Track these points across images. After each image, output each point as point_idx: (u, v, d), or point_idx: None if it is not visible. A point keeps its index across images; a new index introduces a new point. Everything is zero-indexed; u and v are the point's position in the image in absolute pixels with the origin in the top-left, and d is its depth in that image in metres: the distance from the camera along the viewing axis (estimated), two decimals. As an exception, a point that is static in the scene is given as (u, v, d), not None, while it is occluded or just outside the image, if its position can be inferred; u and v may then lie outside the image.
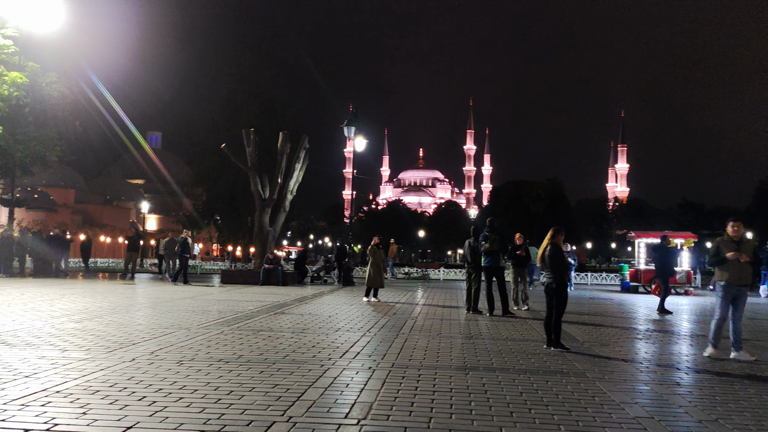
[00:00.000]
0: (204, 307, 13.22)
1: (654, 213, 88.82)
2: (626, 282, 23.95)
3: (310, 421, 4.71)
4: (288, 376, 6.24)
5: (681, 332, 11.20)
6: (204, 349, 7.76)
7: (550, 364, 7.38)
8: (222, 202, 41.01)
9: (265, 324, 10.50)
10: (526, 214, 72.26)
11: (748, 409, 5.48)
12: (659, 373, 7.07)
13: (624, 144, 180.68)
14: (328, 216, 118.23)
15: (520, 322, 11.77)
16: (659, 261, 14.95)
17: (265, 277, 21.70)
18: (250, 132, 24.59)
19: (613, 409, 5.31)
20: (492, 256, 13.08)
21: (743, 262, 8.20)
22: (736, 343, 8.19)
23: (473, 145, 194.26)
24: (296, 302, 14.92)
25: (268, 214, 24.60)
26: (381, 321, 11.32)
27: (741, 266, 8.24)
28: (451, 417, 4.95)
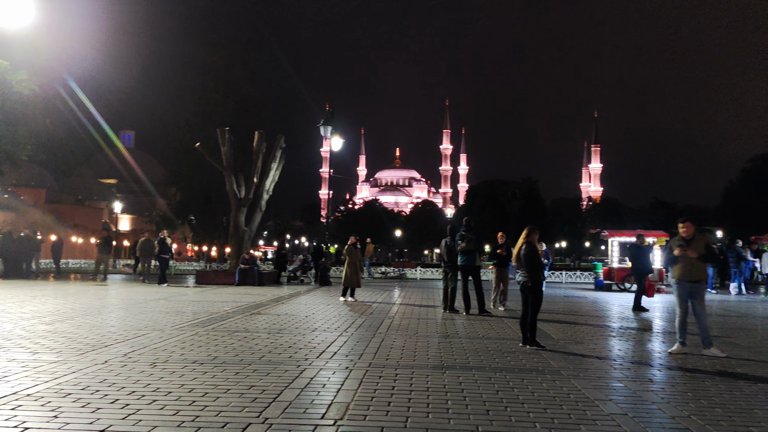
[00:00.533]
0: (178, 308, 13.07)
1: (627, 212, 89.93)
2: (600, 280, 24.21)
3: (286, 423, 4.67)
4: (264, 377, 6.19)
5: (654, 329, 11.35)
6: (178, 351, 7.67)
7: (526, 362, 7.43)
8: (196, 201, 40.60)
9: (241, 325, 10.41)
10: (502, 214, 72.81)
11: (719, 404, 5.57)
12: (633, 370, 7.16)
13: (597, 144, 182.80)
14: (304, 216, 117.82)
15: (496, 321, 11.84)
16: (635, 259, 15.14)
17: (240, 278, 21.53)
18: (225, 131, 24.37)
19: (588, 406, 5.36)
20: (468, 255, 13.13)
21: (692, 260, 8.37)
22: (704, 340, 8.32)
23: (449, 145, 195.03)
24: (272, 302, 14.83)
25: (244, 214, 24.42)
26: (358, 321, 11.30)
27: (690, 263, 8.40)
28: (428, 416, 4.95)
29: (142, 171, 51.44)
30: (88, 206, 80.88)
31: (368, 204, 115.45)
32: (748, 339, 10.19)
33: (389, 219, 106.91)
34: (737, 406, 5.51)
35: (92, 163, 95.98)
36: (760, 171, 56.90)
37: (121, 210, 55.01)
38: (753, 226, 43.22)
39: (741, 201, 56.65)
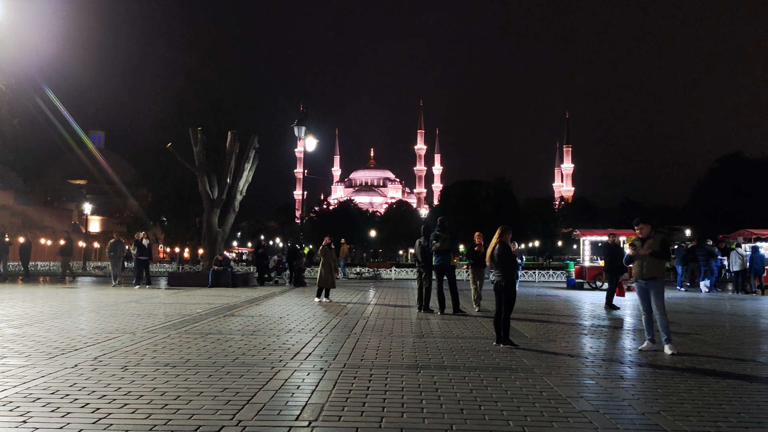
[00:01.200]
0: (150, 310, 12.91)
1: (598, 211, 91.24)
2: (572, 279, 24.50)
3: (260, 425, 4.65)
4: (237, 380, 6.15)
5: (626, 327, 11.52)
6: (150, 354, 7.58)
7: (500, 361, 7.49)
8: (168, 202, 40.10)
9: (214, 327, 10.32)
10: (476, 214, 73.26)
11: (688, 400, 5.67)
12: (604, 368, 7.26)
13: (569, 144, 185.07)
14: (279, 216, 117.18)
15: (470, 320, 11.91)
16: (608, 258, 15.35)
17: (214, 279, 21.33)
18: (197, 131, 24.12)
19: (560, 404, 5.42)
20: (443, 255, 13.19)
21: (647, 258, 8.54)
22: (663, 336, 8.46)
23: (424, 145, 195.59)
24: (246, 304, 14.72)
25: (217, 215, 24.21)
26: (333, 321, 11.27)
27: (642, 260, 8.58)
28: (403, 416, 4.96)
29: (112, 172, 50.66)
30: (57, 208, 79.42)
31: (343, 204, 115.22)
32: (716, 336, 10.40)
33: (364, 219, 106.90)
34: (705, 402, 5.62)
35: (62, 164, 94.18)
36: (727, 171, 58.07)
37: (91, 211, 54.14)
38: (720, 224, 44.17)
39: (708, 200, 57.77)
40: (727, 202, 54.25)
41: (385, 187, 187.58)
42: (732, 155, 60.61)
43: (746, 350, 8.86)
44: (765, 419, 5.08)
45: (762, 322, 12.69)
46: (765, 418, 5.13)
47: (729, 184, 55.90)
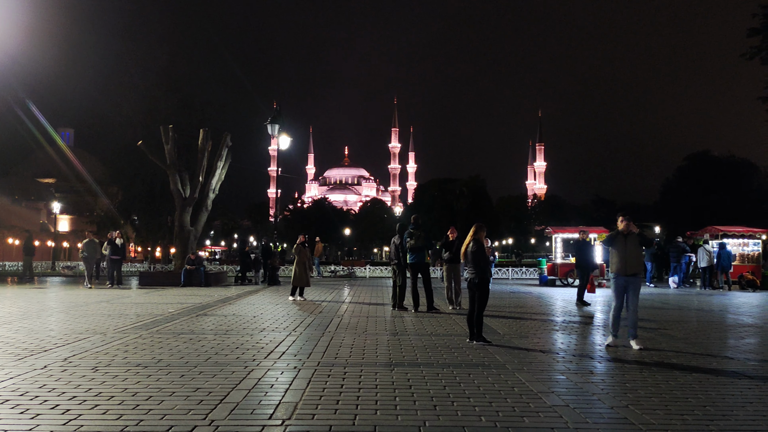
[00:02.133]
0: (121, 310, 12.75)
1: (570, 209, 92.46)
2: (544, 276, 24.78)
3: (233, 424, 4.63)
4: (210, 379, 6.11)
5: (596, 323, 11.69)
6: (121, 354, 7.49)
7: (473, 358, 7.56)
8: (139, 201, 39.59)
9: (186, 326, 10.23)
10: (450, 212, 73.61)
11: (655, 394, 5.79)
12: (575, 363, 7.37)
13: (541, 143, 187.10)
14: (252, 215, 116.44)
15: (444, 318, 11.98)
16: (579, 255, 15.56)
17: (186, 279, 21.14)
18: (168, 129, 23.85)
19: (531, 399, 5.50)
20: (417, 253, 13.23)
21: (630, 254, 8.67)
22: (630, 331, 8.62)
23: (398, 143, 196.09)
24: (219, 303, 14.62)
25: (189, 214, 23.98)
26: (307, 320, 11.26)
27: (626, 257, 8.71)
28: (376, 413, 4.99)
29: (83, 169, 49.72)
30: (25, 207, 77.83)
31: (317, 203, 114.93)
32: (683, 331, 10.61)
33: (338, 217, 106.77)
34: (672, 395, 5.74)
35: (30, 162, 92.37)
36: (695, 169, 59.26)
37: (60, 210, 53.15)
38: (689, 221, 45.02)
39: (677, 198, 58.90)
40: (695, 199, 55.36)
41: (360, 185, 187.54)
42: (700, 153, 61.87)
43: (713, 345, 9.06)
44: (730, 412, 5.21)
45: (729, 317, 12.98)
46: (729, 410, 5.26)
47: (697, 181, 57.05)
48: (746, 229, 24.94)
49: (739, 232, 24.16)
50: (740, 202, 53.99)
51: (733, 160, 60.10)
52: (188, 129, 30.93)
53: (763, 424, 4.87)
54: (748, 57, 25.99)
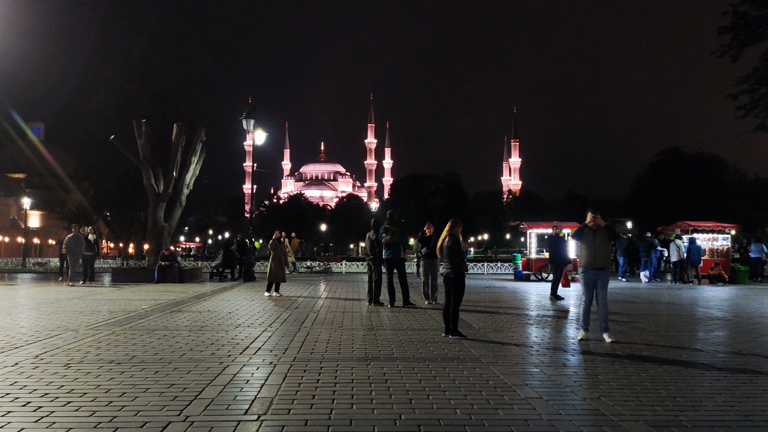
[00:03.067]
0: (93, 307, 12.58)
1: (544, 204, 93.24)
2: (519, 271, 24.99)
3: (208, 420, 4.61)
4: (185, 375, 6.07)
5: (570, 317, 11.83)
6: (93, 351, 7.40)
7: (448, 352, 7.61)
8: (112, 196, 39.04)
9: (160, 323, 10.13)
10: (426, 207, 73.89)
11: (627, 386, 5.89)
12: (548, 356, 7.46)
13: (516, 139, 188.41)
14: (228, 210, 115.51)
15: (420, 313, 12.03)
16: (553, 249, 15.72)
17: (160, 275, 20.91)
18: (141, 123, 23.53)
19: (506, 392, 5.56)
20: (393, 248, 13.26)
21: (598, 248, 8.80)
22: (601, 325, 8.74)
23: (374, 139, 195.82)
24: (194, 299, 14.50)
25: (163, 209, 23.71)
26: (283, 315, 11.22)
27: (594, 251, 8.83)
28: (352, 407, 5.00)
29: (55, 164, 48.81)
30: (-7, 202, 76.33)
31: (293, 198, 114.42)
32: (654, 324, 10.79)
33: (314, 213, 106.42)
34: (643, 387, 5.85)
35: None
36: (666, 165, 60.30)
37: (31, 206, 52.21)
38: (660, 216, 45.76)
39: (648, 194, 59.87)
40: (666, 195, 56.31)
41: (336, 181, 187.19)
42: (671, 150, 62.91)
43: (683, 337, 9.23)
44: (699, 403, 5.33)
45: (698, 311, 13.23)
46: (699, 401, 5.38)
47: (668, 177, 58.02)
48: (716, 224, 25.42)
49: (709, 227, 24.62)
50: (710, 197, 55.08)
51: (703, 156, 61.29)
52: (162, 124, 30.53)
53: (731, 414, 4.98)
54: (718, 54, 26.45)
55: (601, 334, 8.70)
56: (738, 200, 60.61)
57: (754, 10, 25.31)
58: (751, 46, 25.94)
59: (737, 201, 60.31)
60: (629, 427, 4.54)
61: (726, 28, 25.89)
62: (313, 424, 4.56)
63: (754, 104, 26.49)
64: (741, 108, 26.78)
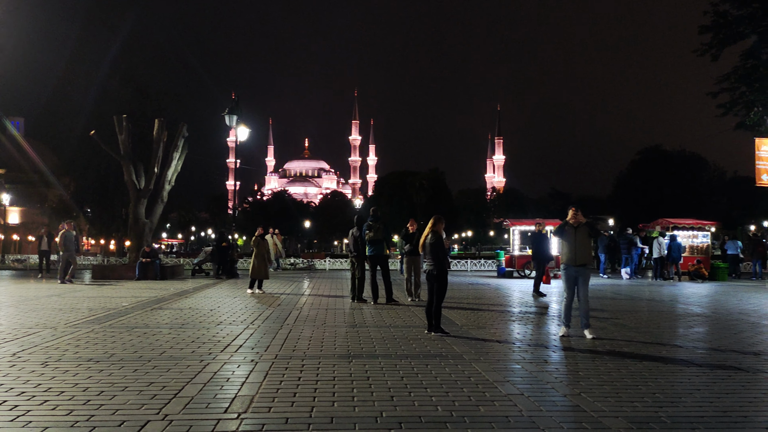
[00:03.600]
0: (73, 304, 12.42)
1: (528, 202, 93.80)
2: (502, 267, 25.08)
3: (188, 418, 4.56)
4: (164, 374, 6.00)
5: (551, 313, 11.89)
6: (72, 349, 7.30)
7: (431, 349, 7.61)
8: (93, 192, 38.60)
9: (141, 320, 10.03)
10: (410, 204, 73.83)
11: (607, 382, 5.93)
12: (530, 353, 7.49)
13: (500, 136, 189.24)
14: (211, 207, 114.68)
15: (403, 310, 12.02)
16: (535, 246, 15.79)
17: (141, 272, 20.71)
18: (122, 118, 23.26)
19: (487, 388, 5.57)
20: (376, 245, 13.22)
21: (579, 244, 8.85)
22: (583, 321, 8.80)
23: (358, 136, 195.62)
24: (176, 297, 14.38)
25: (144, 205, 23.47)
26: (265, 313, 11.16)
27: (575, 247, 8.88)
28: (334, 405, 4.98)
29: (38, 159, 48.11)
30: (-29, 198, 75.08)
31: (277, 195, 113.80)
32: (635, 320, 10.88)
33: (298, 210, 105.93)
34: (624, 383, 5.89)
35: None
36: (648, 163, 60.81)
37: (10, 202, 51.44)
38: (641, 214, 46.20)
39: (630, 191, 60.38)
40: (647, 192, 56.81)
41: (320, 177, 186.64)
42: (653, 148, 63.44)
43: (663, 334, 9.32)
44: (678, 399, 5.37)
45: (679, 307, 13.37)
46: (678, 397, 5.42)
47: (649, 175, 58.51)
48: (696, 221, 25.72)
49: (689, 225, 24.89)
50: (691, 195, 55.69)
51: (684, 154, 61.93)
52: (144, 119, 30.23)
53: (710, 410, 5.02)
54: (699, 53, 26.66)
55: (582, 331, 8.75)
56: (718, 198, 61.39)
57: (734, 9, 25.55)
58: (731, 45, 26.17)
59: (717, 199, 61.09)
60: (609, 423, 4.56)
61: (707, 27, 26.12)
62: (294, 421, 4.53)
63: (733, 103, 26.75)
64: (721, 106, 27.03)
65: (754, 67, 25.88)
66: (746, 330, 9.74)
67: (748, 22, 25.31)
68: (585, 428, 4.46)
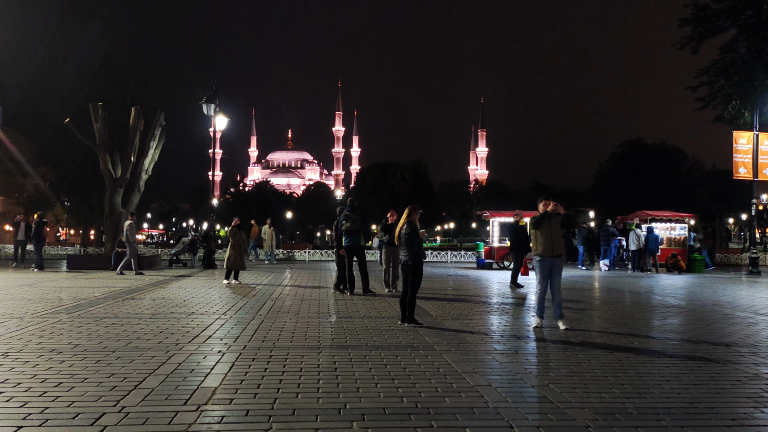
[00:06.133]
0: (43, 294, 12.19)
1: (510, 194, 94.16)
2: (482, 259, 25.11)
3: (145, 410, 4.44)
4: (127, 365, 5.86)
5: (528, 305, 11.87)
6: (36, 340, 7.13)
7: (402, 340, 7.53)
8: (69, 182, 38.02)
9: (110, 311, 9.85)
10: (392, 195, 73.70)
11: (577, 373, 5.89)
12: (502, 343, 7.44)
13: (483, 129, 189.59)
14: (192, 197, 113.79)
15: (379, 300, 11.95)
16: (513, 237, 15.78)
17: (117, 262, 20.38)
18: (98, 106, 22.83)
19: (455, 379, 5.50)
20: (353, 236, 13.11)
21: (554, 236, 8.82)
22: (558, 312, 8.77)
23: (342, 127, 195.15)
24: (150, 287, 14.18)
25: (120, 195, 23.11)
26: (239, 303, 11.03)
27: (552, 239, 8.85)
28: (297, 396, 4.88)
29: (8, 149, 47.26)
30: (-54, 187, 73.76)
31: (259, 186, 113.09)
32: (610, 311, 10.90)
33: (281, 201, 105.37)
34: (593, 374, 5.85)
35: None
36: (627, 156, 61.25)
37: (-15, 191, 50.57)
38: (620, 206, 46.50)
39: (610, 184, 60.77)
40: (627, 184, 57.20)
41: (303, 168, 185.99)
42: (633, 141, 63.88)
43: (636, 325, 9.33)
44: (646, 390, 5.34)
45: (655, 299, 13.43)
46: (646, 388, 5.39)
47: (630, 168, 58.93)
48: (674, 213, 25.90)
49: (667, 217, 25.07)
50: (670, 187, 56.18)
51: (663, 147, 62.46)
52: (122, 107, 29.78)
53: (677, 401, 5.00)
54: (679, 47, 26.82)
55: (556, 322, 8.72)
56: (697, 190, 62.01)
57: (714, 3, 25.71)
58: (710, 39, 26.37)
59: (696, 191, 61.70)
60: (575, 414, 4.51)
61: (686, 20, 26.25)
62: (255, 413, 4.43)
63: (712, 96, 26.97)
64: (700, 100, 27.25)
65: (733, 60, 26.10)
66: (719, 321, 9.79)
67: (727, 15, 25.47)
68: (550, 419, 4.41)
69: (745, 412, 4.72)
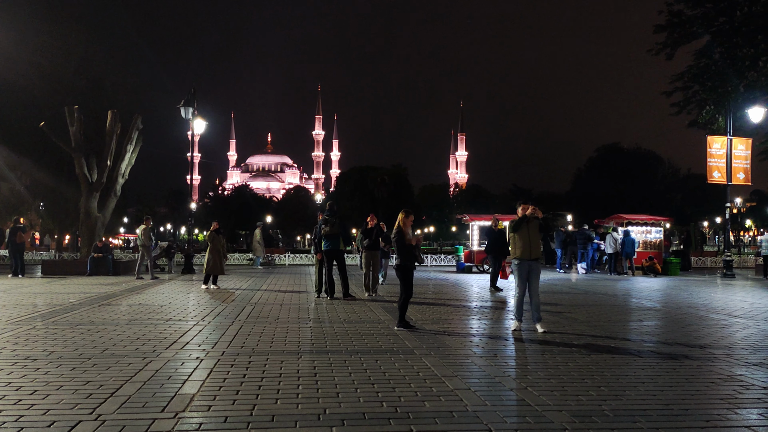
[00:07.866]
0: (17, 300, 12.00)
1: (490, 197, 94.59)
2: (461, 263, 25.19)
3: (122, 418, 4.39)
4: (103, 372, 5.80)
5: (508, 308, 11.94)
6: (9, 347, 7.02)
7: (382, 344, 7.54)
8: (44, 187, 37.46)
9: (86, 317, 9.72)
10: (371, 199, 73.80)
11: (554, 376, 5.94)
12: (481, 347, 7.48)
13: (463, 133, 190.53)
14: (170, 201, 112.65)
15: (359, 305, 11.94)
16: (490, 241, 15.88)
17: (92, 267, 20.17)
18: (73, 110, 22.58)
19: (435, 383, 5.52)
20: (331, 240, 13.09)
21: (532, 239, 8.89)
22: (534, 315, 8.84)
23: (322, 131, 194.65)
24: (127, 293, 14.02)
25: (97, 199, 22.86)
26: (218, 309, 10.95)
27: (530, 242, 8.92)
28: (276, 402, 4.86)
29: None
30: None
31: (238, 189, 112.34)
32: (587, 314, 11.00)
33: (260, 205, 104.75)
34: (570, 377, 5.91)
35: None
36: (604, 160, 62.01)
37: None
38: (598, 210, 47.00)
39: (587, 187, 61.45)
40: (604, 188, 57.85)
41: (283, 172, 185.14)
42: (610, 145, 64.68)
43: (613, 327, 9.44)
44: (622, 392, 5.40)
45: (631, 301, 13.59)
46: (623, 390, 5.45)
47: (606, 172, 59.65)
48: (650, 217, 26.23)
49: (643, 220, 25.38)
50: (646, 191, 56.93)
51: (640, 152, 63.32)
52: (98, 111, 29.40)
53: (652, 403, 5.06)
54: (654, 52, 27.17)
55: (534, 325, 8.79)
56: (672, 194, 62.90)
57: (688, 9, 26.09)
58: (685, 45, 26.76)
59: (672, 195, 62.60)
60: (552, 417, 4.56)
61: (662, 26, 26.61)
62: (233, 420, 4.40)
63: (687, 101, 27.37)
64: (675, 105, 27.63)
65: (707, 66, 26.51)
66: (694, 323, 9.93)
67: (701, 22, 25.89)
68: (528, 422, 4.45)
69: (719, 414, 4.79)
